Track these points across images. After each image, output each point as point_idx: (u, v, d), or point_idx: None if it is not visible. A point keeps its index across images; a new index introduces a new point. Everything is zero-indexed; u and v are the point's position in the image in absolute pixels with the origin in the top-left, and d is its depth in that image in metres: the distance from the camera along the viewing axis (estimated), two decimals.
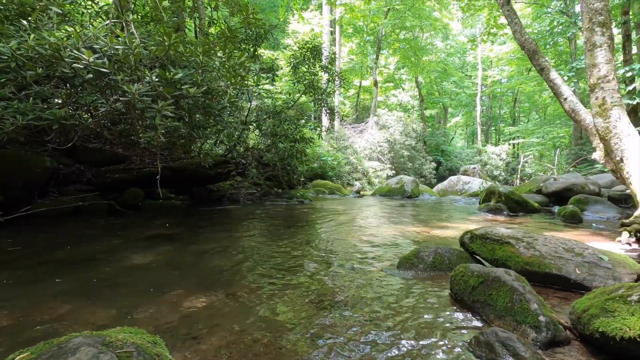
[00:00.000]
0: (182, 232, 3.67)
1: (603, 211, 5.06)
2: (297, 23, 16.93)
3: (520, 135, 24.47)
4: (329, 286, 2.00)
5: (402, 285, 2.01)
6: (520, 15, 19.60)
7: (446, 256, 2.24)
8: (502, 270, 1.59)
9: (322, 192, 9.82)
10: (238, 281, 2.08)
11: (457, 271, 1.78)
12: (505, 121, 31.85)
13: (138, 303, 1.74)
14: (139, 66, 3.69)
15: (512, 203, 5.47)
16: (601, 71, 3.27)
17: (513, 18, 4.64)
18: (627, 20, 12.85)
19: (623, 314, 1.13)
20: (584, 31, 3.48)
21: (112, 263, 2.46)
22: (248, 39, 7.16)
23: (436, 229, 3.95)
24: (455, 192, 11.33)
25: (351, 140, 15.92)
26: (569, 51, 18.10)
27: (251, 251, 2.84)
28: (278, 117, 7.72)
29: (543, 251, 2.05)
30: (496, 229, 2.31)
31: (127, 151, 6.53)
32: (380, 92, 23.14)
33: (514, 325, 1.36)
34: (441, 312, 1.63)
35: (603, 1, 3.35)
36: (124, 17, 3.88)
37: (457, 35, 26.72)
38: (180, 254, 2.77)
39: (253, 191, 8.12)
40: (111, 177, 5.52)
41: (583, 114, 3.75)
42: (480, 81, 25.75)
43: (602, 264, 1.99)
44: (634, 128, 3.11)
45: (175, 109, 4.10)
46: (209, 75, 4.46)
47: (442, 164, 22.10)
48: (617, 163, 3.14)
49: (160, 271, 2.31)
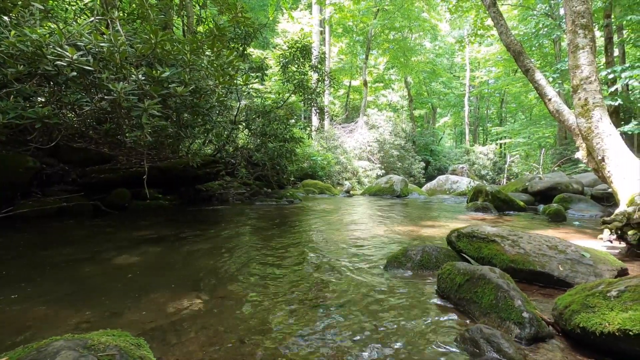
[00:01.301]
0: (169, 233, 3.62)
1: (586, 209, 5.18)
2: (286, 22, 16.88)
3: (507, 135, 24.88)
4: (317, 286, 2.00)
5: (390, 283, 2.02)
6: (507, 17, 19.94)
7: (433, 255, 2.26)
8: (487, 268, 1.61)
9: (312, 192, 9.82)
10: (226, 282, 2.06)
11: (444, 269, 1.80)
12: (493, 121, 32.36)
13: (123, 305, 1.71)
14: (125, 64, 3.63)
15: (499, 202, 5.56)
16: (584, 72, 3.35)
17: (499, 20, 4.72)
18: (609, 23, 13.19)
19: (603, 309, 1.16)
20: (568, 33, 3.56)
21: (97, 264, 2.41)
22: (237, 38, 7.11)
23: (424, 227, 3.98)
24: (443, 191, 11.46)
25: (341, 140, 15.96)
26: (553, 53, 18.48)
27: (239, 252, 2.82)
28: (267, 116, 7.69)
29: (527, 249, 2.09)
30: (482, 227, 2.35)
31: (114, 151, 6.42)
32: (370, 92, 23.25)
33: (499, 322, 1.38)
34: (428, 309, 1.65)
35: (585, 4, 3.43)
36: (109, 14, 3.81)
37: (446, 36, 27.02)
38: (167, 255, 2.73)
39: (242, 191, 8.06)
40: (97, 177, 5.42)
41: (566, 115, 3.83)
42: (468, 82, 26.08)
43: (584, 261, 2.03)
44: (614, 128, 3.19)
45: (163, 108, 4.04)
46: (196, 74, 4.41)
47: (431, 164, 22.32)
48: (598, 162, 3.22)
49: (147, 272, 2.28)
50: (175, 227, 3.96)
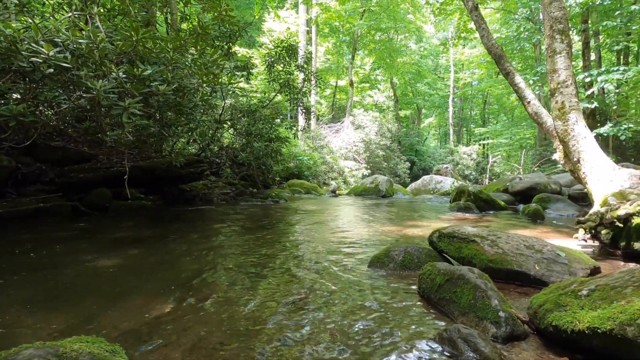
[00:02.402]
0: (150, 235, 3.56)
1: (563, 209, 5.34)
2: (272, 21, 16.78)
3: (490, 136, 25.43)
4: (301, 287, 2.00)
5: (372, 284, 2.04)
6: (490, 20, 20.35)
7: (415, 255, 2.29)
8: (466, 269, 1.65)
9: (298, 192, 9.80)
10: (208, 284, 2.04)
11: (425, 270, 1.83)
12: (476, 122, 33.02)
13: (101, 309, 1.67)
14: (105, 61, 3.54)
15: (481, 202, 5.68)
16: (561, 76, 3.45)
17: (481, 23, 4.82)
18: (586, 28, 13.63)
19: (574, 308, 1.20)
20: (546, 38, 3.66)
21: (75, 267, 2.35)
22: (222, 36, 7.02)
23: (408, 227, 4.03)
24: (428, 191, 11.62)
25: (327, 139, 15.98)
26: (534, 56, 18.97)
27: (223, 253, 2.79)
28: (253, 116, 7.63)
29: (506, 249, 2.14)
30: (463, 227, 2.39)
31: (94, 149, 6.25)
32: (356, 92, 23.36)
33: (476, 322, 1.41)
34: (408, 309, 1.67)
35: (562, 10, 3.54)
36: (88, 10, 3.71)
37: (431, 38, 27.40)
38: (148, 257, 2.68)
39: (227, 191, 7.98)
40: (76, 176, 5.27)
41: (545, 117, 3.94)
42: (453, 83, 26.52)
43: (560, 260, 2.10)
44: (589, 131, 3.30)
45: (145, 106, 3.97)
46: (180, 72, 4.35)
47: (416, 164, 22.60)
48: (574, 164, 3.33)
49: (127, 275, 2.23)
50: (157, 229, 3.89)
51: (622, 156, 13.41)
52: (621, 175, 2.91)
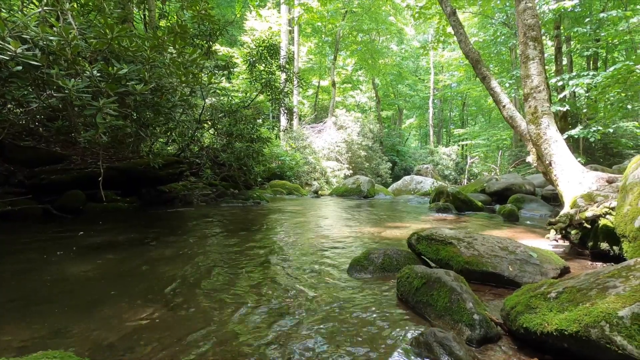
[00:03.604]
0: (126, 239, 3.46)
1: (537, 209, 5.54)
2: (254, 20, 16.63)
3: (468, 137, 26.05)
4: (280, 292, 1.99)
5: (352, 287, 2.05)
6: (468, 24, 20.83)
7: (394, 257, 2.32)
8: (443, 272, 1.68)
9: (280, 193, 9.75)
10: (186, 292, 2.00)
11: (403, 273, 1.86)
12: (455, 123, 33.77)
13: (72, 320, 1.61)
14: (78, 59, 3.41)
15: (459, 202, 5.82)
16: (534, 82, 3.57)
17: (458, 29, 4.93)
18: (558, 34, 14.17)
19: (543, 310, 1.24)
20: (520, 44, 3.78)
21: (45, 275, 2.25)
22: (202, 35, 6.90)
23: (389, 229, 4.08)
24: (408, 191, 11.80)
25: (310, 140, 15.98)
26: (510, 60, 19.55)
27: (201, 258, 2.75)
28: (234, 116, 7.53)
29: (481, 250, 2.20)
30: (440, 230, 2.44)
31: (67, 149, 6.03)
32: (339, 92, 23.46)
33: (452, 324, 1.44)
34: (387, 313, 1.69)
35: (535, 18, 3.66)
36: (60, 6, 3.56)
37: (411, 40, 27.82)
38: (123, 264, 2.60)
39: (208, 192, 7.85)
40: (47, 178, 5.07)
41: (519, 121, 4.07)
42: (433, 85, 27.05)
43: (532, 260, 2.17)
44: (560, 135, 3.43)
45: (120, 106, 3.85)
46: (158, 71, 4.24)
47: (398, 164, 22.91)
48: (546, 166, 3.45)
49: (101, 283, 2.16)
50: (133, 233, 3.78)
51: (591, 157, 14.01)
52: (589, 178, 3.04)
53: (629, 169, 2.34)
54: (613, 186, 2.83)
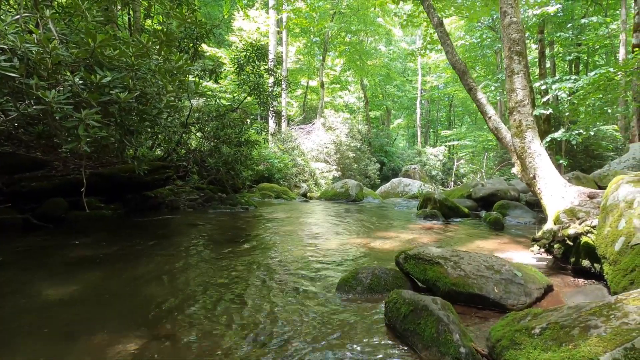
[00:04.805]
0: (111, 253, 3.38)
1: (521, 216, 5.66)
2: (242, 20, 16.46)
3: (455, 138, 26.40)
4: (267, 317, 1.97)
5: (339, 310, 2.05)
6: (455, 26, 21.07)
7: (382, 277, 2.33)
8: (430, 299, 1.70)
9: (268, 196, 9.70)
10: (171, 317, 1.96)
11: (391, 297, 1.86)
12: (442, 124, 34.19)
13: (50, 350, 1.57)
14: (59, 68, 3.31)
15: (446, 209, 5.89)
16: (518, 96, 3.64)
17: (445, 40, 4.98)
18: (542, 38, 14.46)
19: (527, 347, 1.26)
20: (505, 58, 3.84)
21: (20, 298, 2.17)
22: (188, 38, 6.79)
23: (377, 239, 4.10)
24: (396, 194, 11.90)
25: (298, 141, 15.93)
26: (496, 62, 19.88)
27: (187, 277, 2.70)
28: (221, 120, 7.45)
29: (467, 270, 2.23)
30: (427, 249, 2.47)
31: (48, 155, 5.85)
32: (327, 93, 23.45)
33: (439, 356, 1.45)
34: (374, 341, 1.69)
35: (520, 32, 3.73)
36: (40, 12, 3.44)
37: (400, 41, 27.99)
38: (107, 283, 2.55)
39: (195, 197, 7.75)
40: (27, 185, 4.92)
41: (504, 132, 4.14)
42: (420, 86, 27.30)
43: (516, 280, 2.21)
44: (544, 149, 3.51)
45: (104, 116, 3.75)
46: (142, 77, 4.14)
47: (386, 164, 23.06)
48: (530, 179, 3.52)
49: (83, 307, 2.10)
50: (118, 245, 3.70)
51: (573, 159, 14.35)
52: (571, 192, 3.11)
53: (609, 189, 2.40)
54: (594, 201, 2.90)
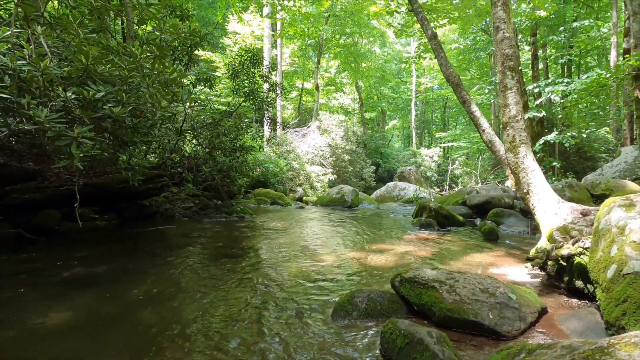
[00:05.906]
0: (104, 271, 3.35)
1: (516, 224, 5.70)
2: (237, 23, 16.40)
3: (450, 139, 26.56)
4: (262, 344, 1.97)
5: (334, 339, 2.05)
6: (449, 29, 21.18)
7: (378, 301, 2.34)
8: (425, 332, 1.71)
9: (264, 202, 9.69)
10: (165, 347, 1.95)
11: (387, 327, 1.87)
12: (437, 125, 34.36)
13: None
14: (51, 84, 3.28)
15: (441, 218, 5.92)
16: (512, 111, 3.66)
17: (439, 52, 5.00)
18: (535, 41, 14.59)
19: None
20: (498, 73, 3.87)
21: (9, 327, 2.14)
22: (182, 46, 6.75)
23: (373, 253, 4.11)
24: (392, 198, 11.93)
25: (294, 144, 15.91)
26: (489, 65, 20.03)
27: (183, 298, 2.69)
28: (216, 128, 7.42)
29: (463, 295, 2.24)
30: (423, 271, 2.48)
31: (40, 165, 5.79)
32: (322, 94, 23.45)
33: None
34: None
35: (513, 48, 3.76)
36: (32, 29, 3.40)
37: (394, 43, 28.07)
38: (101, 306, 2.52)
39: (190, 205, 7.71)
40: (19, 197, 4.87)
41: (498, 146, 4.17)
42: (415, 87, 27.42)
43: (511, 304, 2.23)
44: (537, 164, 3.54)
45: (97, 132, 3.72)
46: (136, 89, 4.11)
47: (381, 166, 23.12)
48: (524, 194, 3.55)
49: (75, 337, 2.08)
50: (111, 261, 3.67)
51: (566, 161, 14.48)
52: (564, 209, 3.14)
53: (601, 212, 2.43)
54: (587, 219, 2.94)
